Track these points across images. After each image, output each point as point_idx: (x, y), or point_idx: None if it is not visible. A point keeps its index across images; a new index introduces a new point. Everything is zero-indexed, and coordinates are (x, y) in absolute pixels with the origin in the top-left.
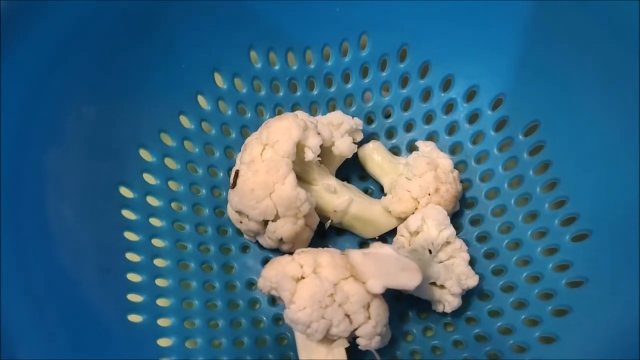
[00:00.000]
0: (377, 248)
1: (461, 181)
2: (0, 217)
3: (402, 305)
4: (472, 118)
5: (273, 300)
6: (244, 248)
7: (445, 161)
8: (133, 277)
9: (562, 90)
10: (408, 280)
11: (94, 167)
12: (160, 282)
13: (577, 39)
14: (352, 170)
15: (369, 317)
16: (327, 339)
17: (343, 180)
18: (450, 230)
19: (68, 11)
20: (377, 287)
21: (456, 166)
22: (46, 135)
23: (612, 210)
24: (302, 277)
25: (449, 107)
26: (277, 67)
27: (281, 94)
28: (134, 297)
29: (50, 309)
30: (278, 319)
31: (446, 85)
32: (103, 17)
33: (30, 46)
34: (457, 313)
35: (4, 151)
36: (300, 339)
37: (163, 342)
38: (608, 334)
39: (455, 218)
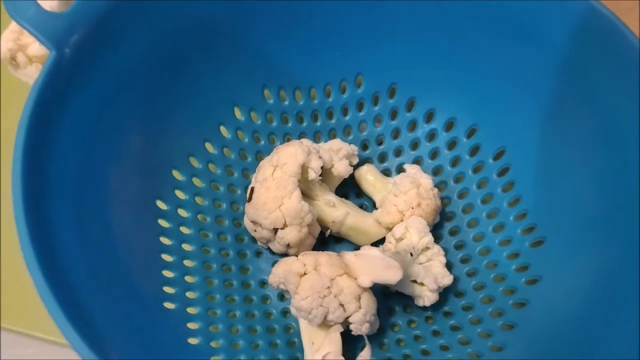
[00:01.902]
0: (367, 250)
1: (441, 198)
2: (72, 218)
3: (390, 301)
4: (451, 145)
5: (282, 296)
6: (258, 253)
7: (426, 181)
8: (167, 273)
9: (523, 123)
10: (391, 275)
11: (138, 183)
12: (188, 278)
13: (531, 79)
14: (349, 189)
15: (359, 307)
16: (325, 324)
17: (341, 197)
18: (429, 237)
19: (123, 59)
20: (366, 281)
21: (437, 185)
22: (106, 156)
23: (561, 221)
24: (305, 273)
25: (431, 136)
26: (286, 103)
27: (290, 124)
28: (168, 289)
29: (109, 291)
30: (285, 312)
31: (429, 117)
32: (147, 63)
33: (95, 84)
34: (436, 308)
35: (73, 167)
36: (303, 325)
37: (191, 325)
38: (558, 322)
39: (436, 229)
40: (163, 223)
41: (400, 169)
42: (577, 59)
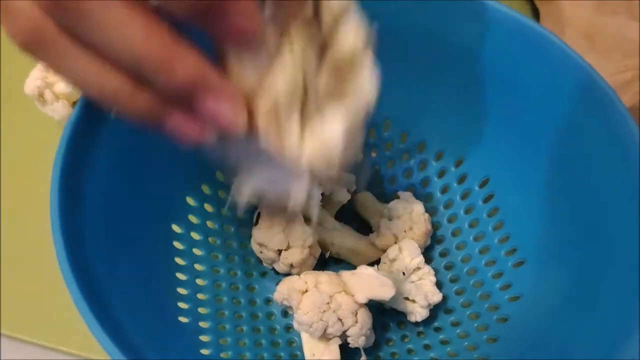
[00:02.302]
0: (363, 270)
1: (432, 223)
2: (103, 236)
3: (386, 317)
4: (440, 174)
5: (285, 313)
6: (263, 273)
7: (418, 206)
8: (181, 290)
9: (504, 155)
10: (385, 292)
11: (156, 208)
12: (200, 295)
13: (511, 123)
14: (348, 214)
15: (356, 321)
16: (325, 337)
17: (340, 221)
18: (420, 258)
19: None
20: (362, 298)
21: (428, 211)
22: (130, 182)
23: (539, 244)
24: (306, 291)
25: (422, 165)
26: None
27: None
28: (182, 305)
29: (133, 304)
30: (289, 327)
31: (420, 148)
32: None
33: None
34: (427, 324)
35: (103, 189)
36: (305, 338)
37: (203, 337)
38: (535, 334)
39: (427, 251)
40: (178, 245)
41: (394, 196)
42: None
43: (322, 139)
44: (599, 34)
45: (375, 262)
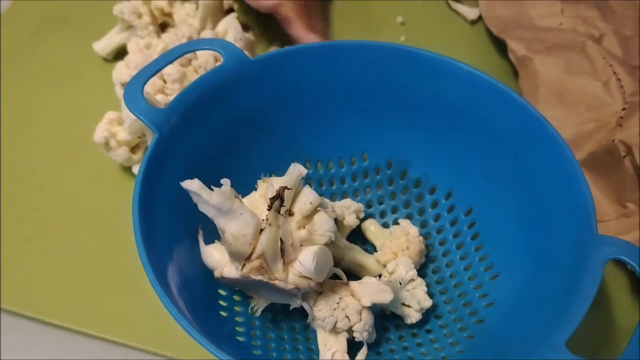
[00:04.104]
0: (367, 279)
1: (426, 245)
2: (166, 243)
3: (386, 321)
4: (433, 205)
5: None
6: None
7: (413, 230)
8: (221, 291)
9: (484, 190)
10: (385, 297)
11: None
12: (237, 308)
13: (487, 160)
14: (356, 236)
15: (360, 319)
16: (335, 331)
17: (350, 242)
18: (414, 271)
19: (197, 137)
20: (367, 302)
21: (424, 235)
22: (186, 204)
23: (508, 260)
24: (321, 293)
25: (419, 198)
26: (310, 172)
27: (313, 187)
28: (222, 302)
29: (182, 298)
30: (308, 338)
31: (417, 184)
32: (212, 141)
33: (181, 153)
34: (420, 327)
35: (167, 208)
36: (319, 332)
37: (238, 328)
38: (505, 332)
39: (422, 269)
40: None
41: (395, 222)
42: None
43: (299, 270)
44: (567, 91)
45: (378, 276)
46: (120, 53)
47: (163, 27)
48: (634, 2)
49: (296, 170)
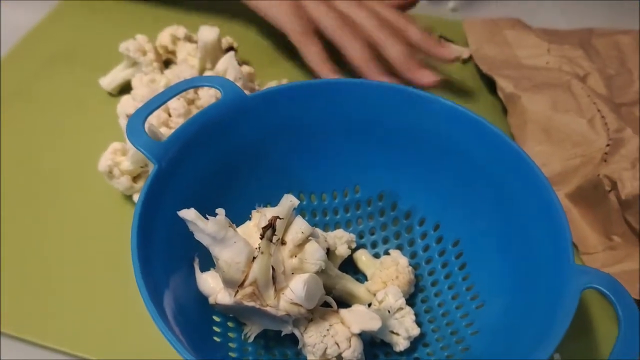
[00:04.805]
0: (356, 307)
1: (415, 275)
2: (162, 269)
3: (375, 348)
4: (423, 236)
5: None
6: None
7: (403, 260)
8: (215, 328)
9: (470, 222)
10: (373, 324)
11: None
12: (230, 334)
13: (472, 194)
14: (348, 266)
15: (350, 346)
16: (325, 357)
17: (342, 271)
18: (402, 300)
19: (195, 168)
20: (356, 329)
21: (413, 265)
22: (183, 232)
23: (493, 290)
24: (312, 320)
25: (409, 229)
26: (304, 203)
27: (307, 218)
28: (216, 329)
29: (184, 323)
30: (298, 353)
31: (407, 215)
32: (210, 172)
33: (179, 184)
34: (409, 354)
35: (165, 235)
36: (309, 357)
37: (232, 353)
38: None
39: (411, 298)
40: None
41: (386, 253)
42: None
43: (290, 297)
44: (554, 128)
45: (368, 304)
46: (124, 88)
47: (167, 63)
48: (617, 42)
49: (288, 200)
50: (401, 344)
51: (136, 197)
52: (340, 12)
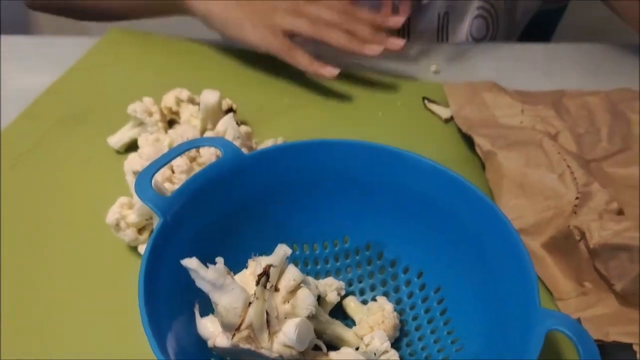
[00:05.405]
0: (344, 350)
1: (400, 320)
2: (166, 311)
3: None
4: (407, 283)
5: None
6: None
7: (388, 306)
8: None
9: (450, 270)
10: None
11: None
12: None
13: (455, 246)
14: (338, 312)
15: None
16: None
17: (332, 317)
18: (387, 343)
19: (197, 222)
20: None
21: (398, 311)
22: (186, 280)
23: (470, 333)
24: None
25: (394, 277)
26: (297, 252)
27: (299, 267)
28: None
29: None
30: None
31: (392, 264)
32: (211, 225)
33: (183, 237)
34: None
35: (169, 280)
36: None
37: None
38: None
39: (396, 342)
40: None
41: (373, 299)
42: (474, 233)
43: (283, 339)
44: (527, 183)
45: (356, 348)
46: (131, 146)
47: (171, 123)
48: (587, 102)
49: (282, 250)
50: None
51: (141, 248)
52: (306, 14)
